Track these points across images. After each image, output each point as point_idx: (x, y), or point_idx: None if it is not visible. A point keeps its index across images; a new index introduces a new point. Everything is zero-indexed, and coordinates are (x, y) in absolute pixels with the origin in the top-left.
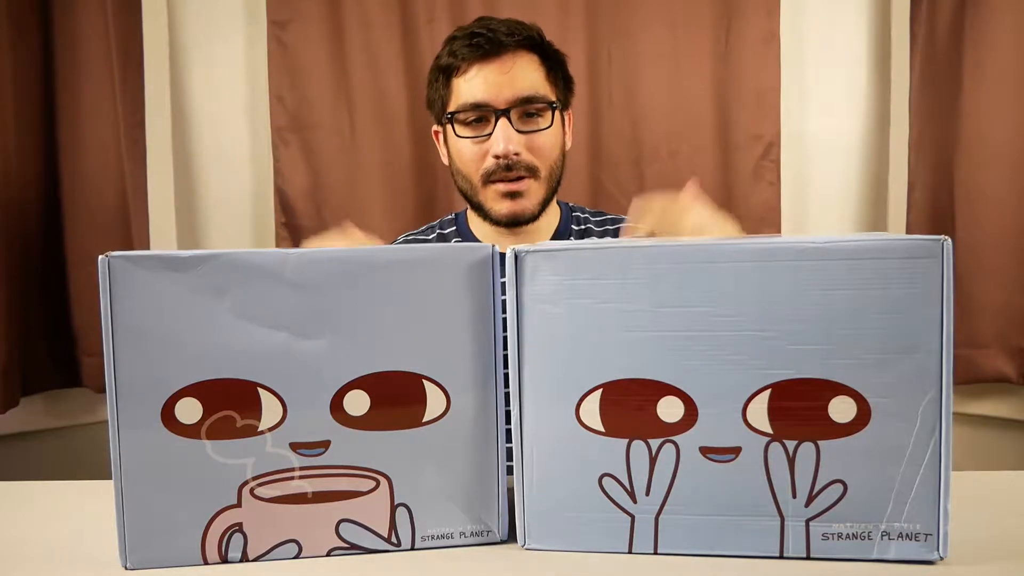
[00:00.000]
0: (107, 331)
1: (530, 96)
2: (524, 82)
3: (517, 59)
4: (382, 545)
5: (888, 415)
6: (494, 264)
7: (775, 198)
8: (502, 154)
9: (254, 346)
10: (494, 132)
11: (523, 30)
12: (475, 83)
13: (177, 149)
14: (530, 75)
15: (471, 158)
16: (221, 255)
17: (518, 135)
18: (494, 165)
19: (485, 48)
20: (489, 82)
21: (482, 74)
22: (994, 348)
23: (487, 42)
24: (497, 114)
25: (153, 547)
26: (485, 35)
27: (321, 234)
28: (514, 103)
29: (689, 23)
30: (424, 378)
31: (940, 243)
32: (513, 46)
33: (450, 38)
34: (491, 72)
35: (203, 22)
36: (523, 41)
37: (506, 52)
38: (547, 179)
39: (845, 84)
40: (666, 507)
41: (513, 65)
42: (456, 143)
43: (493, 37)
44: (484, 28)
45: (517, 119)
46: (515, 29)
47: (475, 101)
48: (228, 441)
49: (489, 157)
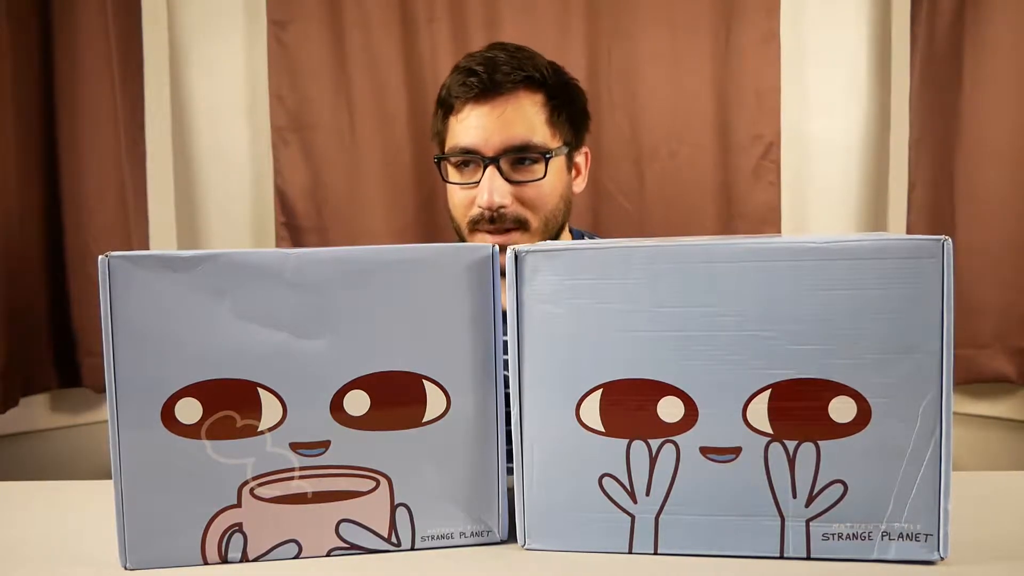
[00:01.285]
0: (107, 331)
1: (523, 144)
2: (518, 127)
3: (514, 101)
4: (382, 545)
5: (888, 415)
6: (494, 264)
7: (775, 198)
8: (486, 206)
9: (254, 346)
10: (481, 181)
11: (526, 66)
12: (466, 126)
13: (177, 149)
14: (527, 119)
15: (459, 203)
16: (221, 255)
17: (505, 185)
18: (479, 215)
19: (478, 88)
20: (480, 127)
21: (474, 116)
22: (994, 348)
23: (481, 81)
24: (485, 162)
25: (153, 547)
26: (480, 73)
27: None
28: (504, 151)
29: (689, 23)
30: (424, 378)
31: (940, 243)
32: (511, 85)
33: (453, 68)
34: (483, 115)
35: (203, 22)
36: (523, 80)
37: (502, 93)
38: (541, 230)
39: (845, 84)
40: (666, 507)
41: (507, 108)
42: (448, 184)
43: (490, 76)
44: (484, 63)
45: (508, 167)
46: (518, 65)
47: (463, 146)
48: (228, 441)
49: (475, 205)
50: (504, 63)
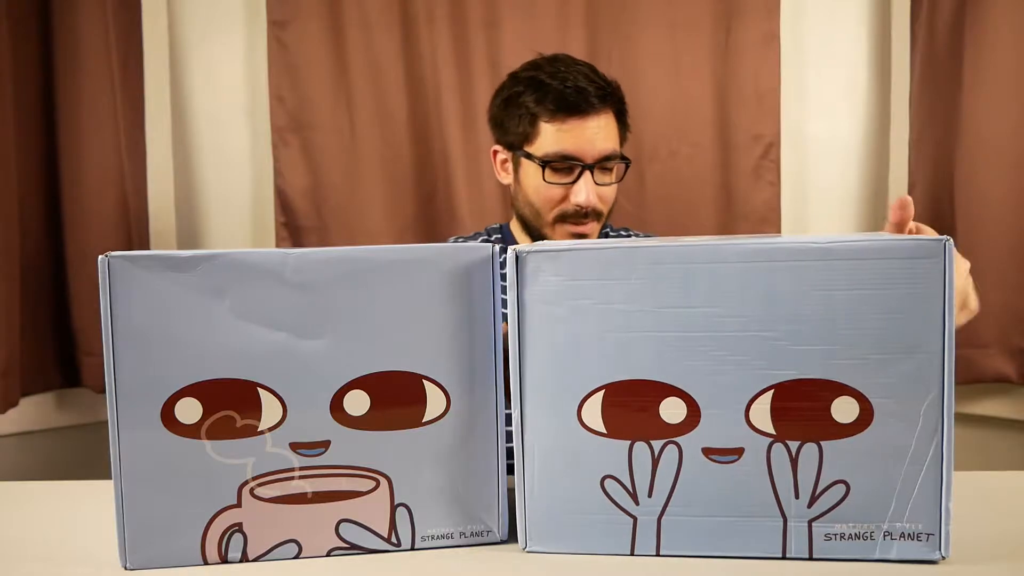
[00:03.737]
0: (107, 331)
1: (611, 154)
2: (607, 141)
3: (604, 116)
4: (382, 545)
5: (890, 415)
6: (494, 264)
7: (775, 198)
8: (585, 205)
9: (254, 346)
10: (578, 183)
11: (609, 91)
12: (566, 136)
13: (177, 149)
14: (611, 134)
15: (549, 198)
16: (221, 255)
17: (596, 187)
18: (572, 210)
19: (580, 108)
20: (580, 138)
21: (575, 129)
22: (994, 348)
23: (583, 101)
24: (584, 167)
25: (153, 547)
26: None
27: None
28: (598, 160)
29: (689, 23)
30: (424, 378)
31: (942, 244)
32: (604, 103)
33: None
34: (583, 129)
35: (203, 22)
36: (609, 102)
37: (599, 110)
38: (603, 221)
39: (845, 84)
40: (668, 508)
41: (601, 122)
42: (535, 180)
43: (587, 99)
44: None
45: (597, 172)
46: (606, 86)
47: (566, 153)
48: (228, 441)
49: (569, 203)
50: (596, 82)
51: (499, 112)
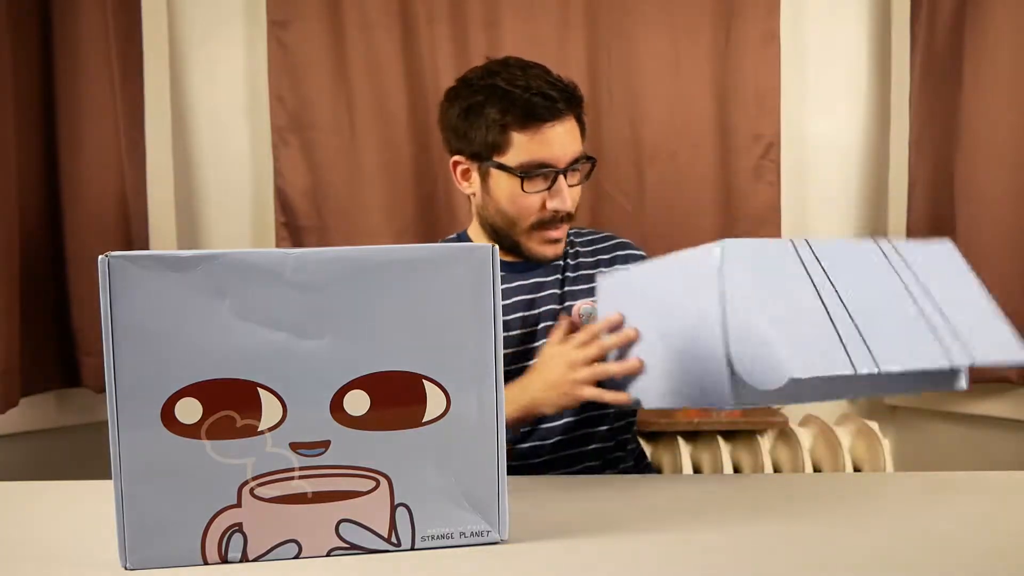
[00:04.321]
0: (107, 331)
1: (579, 156)
2: (575, 144)
3: (569, 121)
4: (382, 545)
5: None
6: (494, 264)
7: (775, 198)
8: (566, 209)
9: (254, 346)
10: (555, 189)
11: (571, 93)
12: (539, 144)
13: (177, 149)
14: (577, 137)
15: (527, 206)
16: (221, 255)
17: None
18: (550, 216)
19: (549, 114)
20: (552, 144)
21: (546, 135)
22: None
23: (551, 108)
24: (558, 173)
25: (153, 547)
26: (555, 99)
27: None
28: (571, 164)
29: (689, 23)
30: (424, 378)
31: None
32: (569, 108)
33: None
34: (557, 135)
35: (203, 22)
36: (572, 106)
37: (566, 115)
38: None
39: (845, 84)
40: None
41: (568, 127)
42: (509, 189)
43: (555, 105)
44: (553, 88)
45: (568, 175)
46: (567, 95)
47: (541, 160)
48: (228, 441)
49: (547, 209)
50: (557, 85)
51: (459, 122)
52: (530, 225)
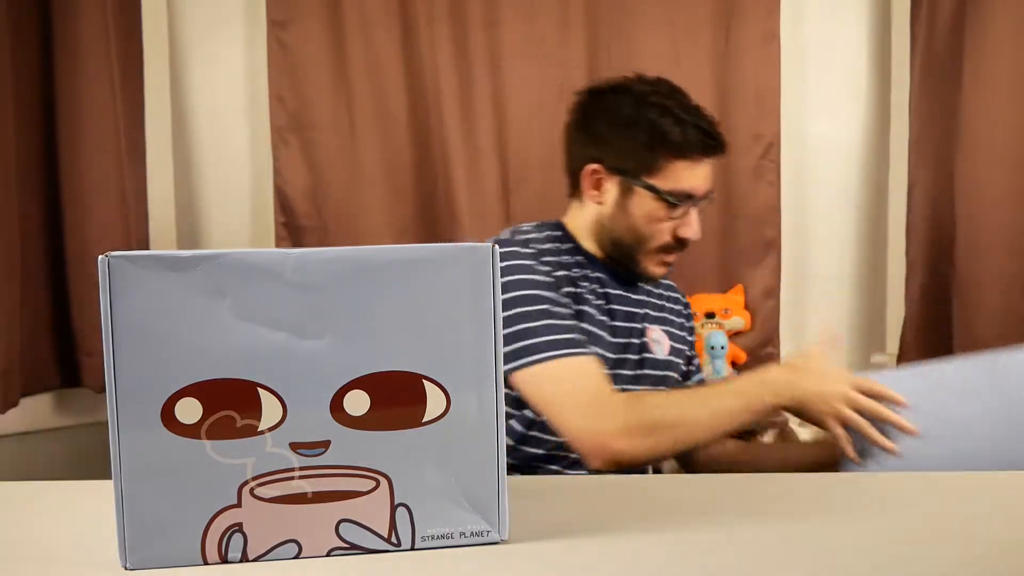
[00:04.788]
0: (107, 331)
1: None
2: (711, 180)
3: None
4: (382, 545)
5: None
6: (494, 264)
7: (775, 198)
8: (694, 238)
9: (254, 346)
10: (690, 218)
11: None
12: (693, 175)
13: (177, 149)
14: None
15: (661, 229)
16: (221, 255)
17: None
18: (675, 243)
19: (708, 151)
20: (699, 177)
21: (699, 169)
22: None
23: (711, 148)
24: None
25: (153, 547)
26: (716, 137)
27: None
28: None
29: (689, 23)
30: (424, 378)
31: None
32: (717, 151)
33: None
34: (704, 170)
35: (203, 22)
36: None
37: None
38: None
39: (845, 84)
40: None
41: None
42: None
43: (715, 144)
44: (710, 128)
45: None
46: (721, 138)
47: (688, 190)
48: (228, 441)
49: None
50: (717, 129)
51: (612, 131)
52: (655, 248)
